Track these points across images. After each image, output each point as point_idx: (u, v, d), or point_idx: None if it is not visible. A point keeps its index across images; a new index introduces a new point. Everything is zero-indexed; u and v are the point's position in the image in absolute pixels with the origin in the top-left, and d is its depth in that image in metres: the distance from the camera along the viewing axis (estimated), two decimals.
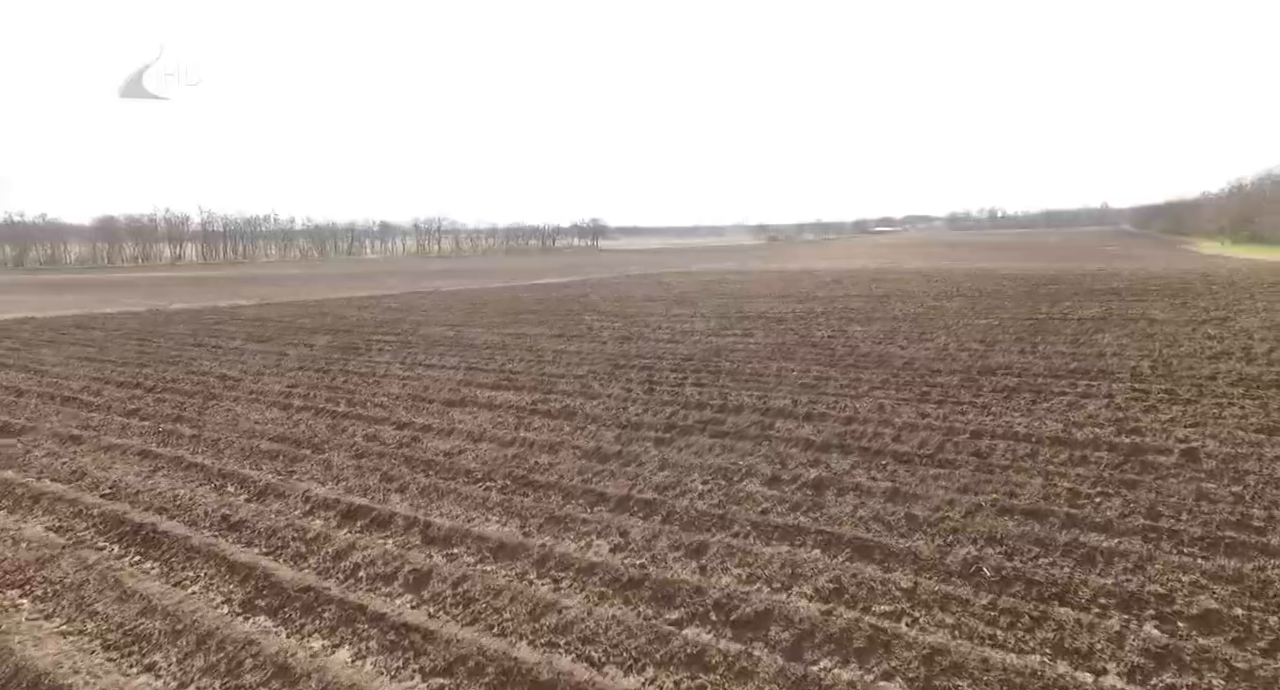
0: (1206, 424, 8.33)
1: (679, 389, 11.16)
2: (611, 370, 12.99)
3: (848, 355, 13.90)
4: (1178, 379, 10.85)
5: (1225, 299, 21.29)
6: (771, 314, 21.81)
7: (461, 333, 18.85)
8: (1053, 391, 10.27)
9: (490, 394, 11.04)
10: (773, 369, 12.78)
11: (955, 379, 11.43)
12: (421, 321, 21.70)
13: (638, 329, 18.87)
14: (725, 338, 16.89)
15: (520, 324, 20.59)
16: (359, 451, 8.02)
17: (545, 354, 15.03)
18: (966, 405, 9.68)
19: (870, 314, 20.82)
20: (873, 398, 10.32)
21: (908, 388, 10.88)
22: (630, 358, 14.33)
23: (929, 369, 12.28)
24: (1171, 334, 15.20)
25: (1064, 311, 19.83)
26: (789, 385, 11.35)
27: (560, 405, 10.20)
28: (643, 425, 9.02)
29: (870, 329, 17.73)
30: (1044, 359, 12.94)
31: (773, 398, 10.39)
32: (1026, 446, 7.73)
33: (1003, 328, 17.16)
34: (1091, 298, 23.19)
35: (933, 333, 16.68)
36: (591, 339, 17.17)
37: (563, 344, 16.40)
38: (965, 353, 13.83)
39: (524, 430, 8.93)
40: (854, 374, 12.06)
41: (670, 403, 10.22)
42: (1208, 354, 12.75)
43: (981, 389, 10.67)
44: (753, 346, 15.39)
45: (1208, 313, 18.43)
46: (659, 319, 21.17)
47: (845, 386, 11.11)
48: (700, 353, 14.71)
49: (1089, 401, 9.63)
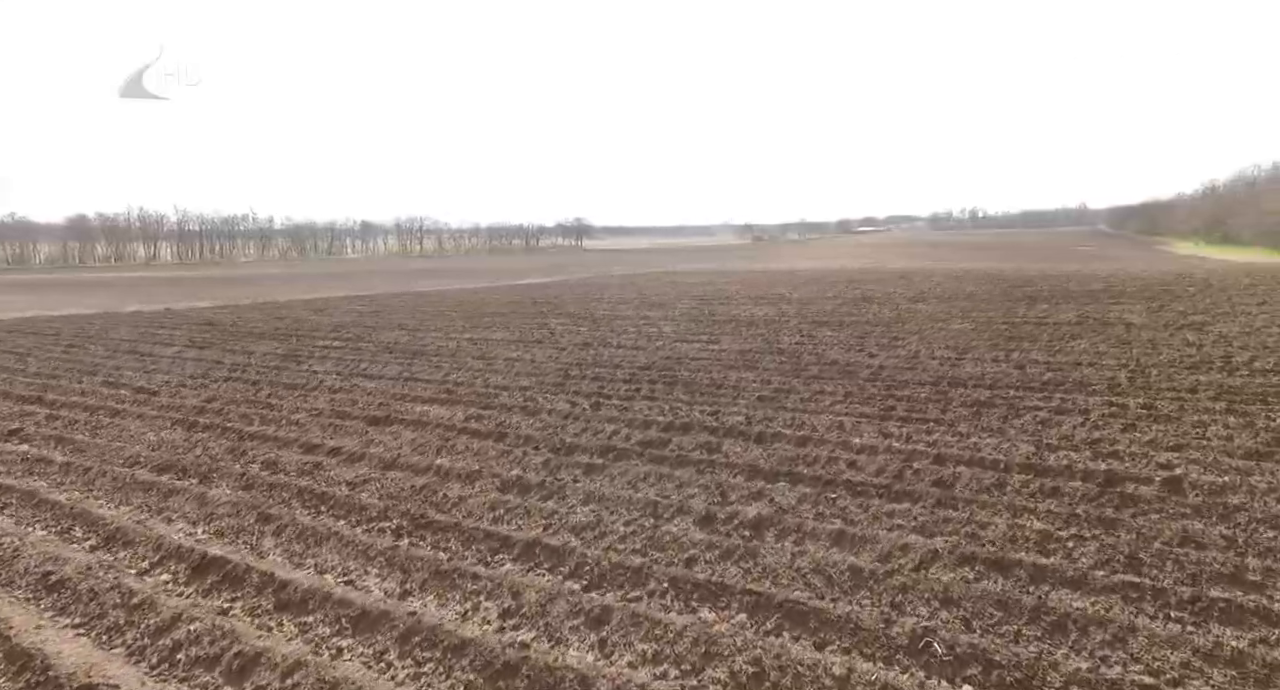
0: (1189, 446, 7.55)
1: (628, 403, 10.26)
2: (562, 381, 12.07)
3: (814, 364, 13.06)
4: (1157, 392, 10.10)
5: (1202, 302, 20.72)
6: (743, 317, 20.99)
7: (417, 338, 17.84)
8: (1025, 406, 9.48)
9: (422, 409, 10.08)
10: (732, 379, 11.91)
11: (924, 391, 10.62)
12: (379, 325, 20.65)
13: (602, 334, 17.96)
14: (690, 344, 16.01)
15: (481, 328, 19.61)
16: (248, 482, 7.04)
17: (497, 362, 14.07)
18: (933, 423, 8.85)
19: (843, 318, 20.04)
20: (833, 413, 9.47)
21: (872, 401, 10.05)
22: (586, 366, 13.42)
23: (897, 380, 11.46)
24: (1149, 340, 14.51)
25: (1040, 315, 19.15)
26: (746, 399, 10.48)
27: (494, 423, 9.26)
28: (578, 448, 8.11)
29: (841, 334, 16.93)
30: (1018, 368, 12.17)
31: (726, 414, 9.52)
32: (994, 474, 6.90)
33: (977, 333, 16.42)
34: (1068, 300, 22.56)
35: (905, 338, 15.90)
36: (550, 345, 16.24)
37: (519, 350, 15.45)
38: (936, 361, 13.05)
39: (445, 455, 7.98)
40: (817, 385, 11.21)
41: (615, 420, 9.31)
42: (1187, 363, 12.04)
43: (950, 403, 9.86)
44: (717, 354, 14.53)
45: (1185, 317, 17.81)
46: (626, 323, 20.27)
47: (806, 400, 10.25)
48: (660, 361, 13.82)
49: (1064, 418, 8.84)
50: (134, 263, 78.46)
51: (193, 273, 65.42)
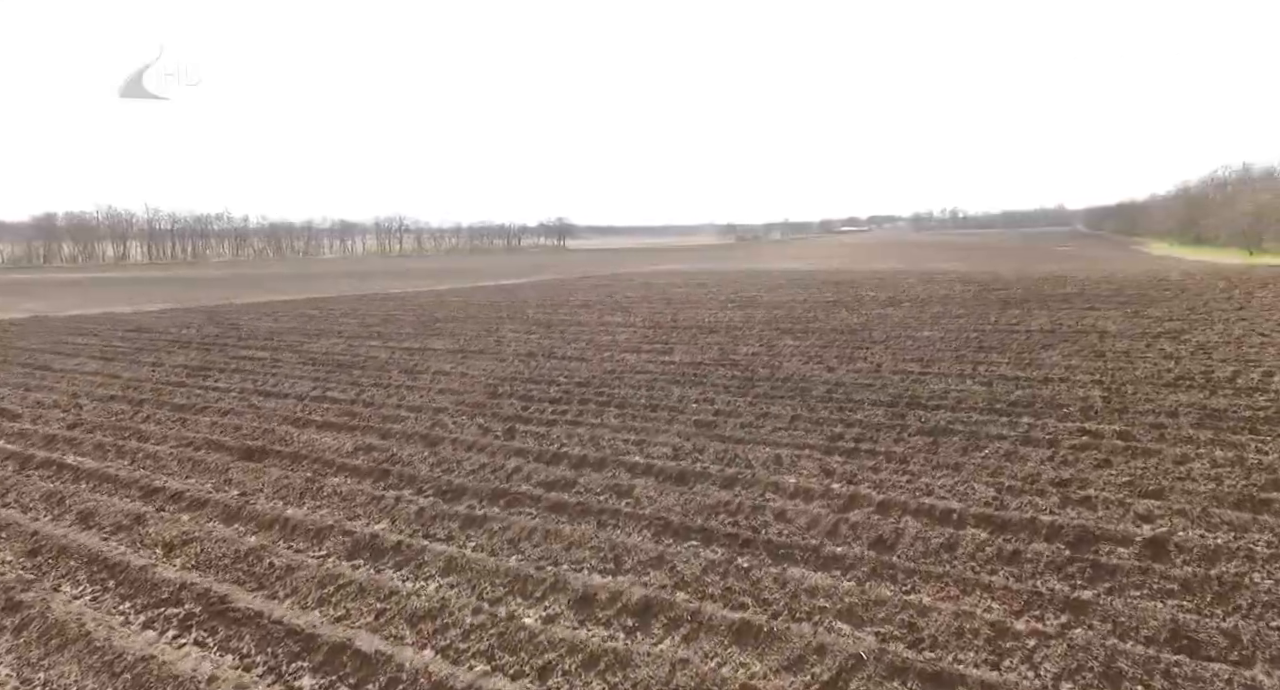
0: (1172, 491, 6.40)
1: (547, 430, 8.99)
2: (485, 400, 10.77)
3: (766, 379, 11.86)
4: (1134, 415, 8.99)
5: (1178, 308, 19.78)
6: (706, 323, 19.79)
7: (352, 347, 16.46)
8: (989, 434, 8.31)
9: (311, 437, 8.75)
10: (673, 398, 10.68)
11: (879, 414, 9.44)
12: (320, 332, 19.22)
13: (551, 342, 16.67)
14: (640, 354, 14.77)
15: (426, 335, 18.24)
16: (37, 544, 5.70)
17: (424, 376, 12.74)
18: (882, 457, 7.66)
19: (809, 324, 18.89)
20: (773, 443, 8.26)
21: (820, 427, 8.85)
22: (520, 381, 12.13)
23: (852, 399, 10.28)
24: (1124, 351, 13.45)
25: (1012, 322, 18.10)
26: (682, 423, 9.24)
27: (384, 456, 7.95)
28: (466, 492, 6.83)
29: (804, 343, 15.76)
30: (984, 384, 11.04)
31: (654, 444, 8.27)
32: (945, 530, 5.71)
33: (945, 342, 15.31)
34: (1042, 305, 21.56)
35: (869, 348, 14.75)
36: (491, 355, 14.92)
37: (454, 362, 14.12)
38: (899, 375, 11.89)
39: (304, 501, 6.67)
40: (764, 406, 10.01)
41: (524, 453, 8.04)
42: (1165, 379, 10.95)
43: (907, 429, 8.68)
44: (665, 366, 13.29)
45: (1162, 324, 16.81)
46: (582, 330, 18.99)
47: (747, 425, 9.03)
48: (601, 375, 12.56)
49: (1030, 451, 7.68)
50: (102, 263, 75.92)
51: (159, 273, 63.25)
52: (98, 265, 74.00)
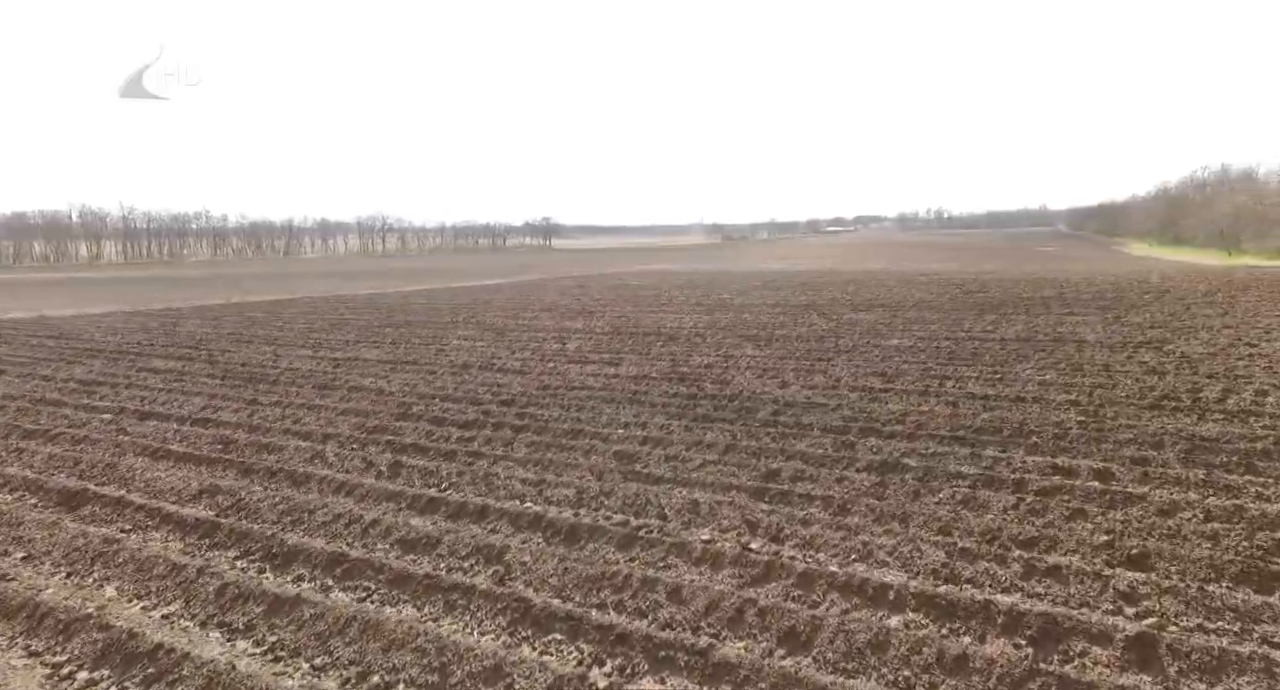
0: (1159, 557, 5.15)
1: (440, 465, 7.65)
2: (389, 423, 9.41)
3: (711, 397, 10.57)
4: (1113, 446, 7.75)
5: (1160, 314, 18.66)
6: (668, 329, 18.49)
7: (278, 355, 15.04)
8: (947, 471, 7.05)
9: (156, 474, 7.35)
10: (602, 420, 9.37)
11: (826, 443, 8.16)
12: (253, 339, 17.77)
13: (495, 351, 15.33)
14: (586, 366, 13.45)
15: (366, 343, 16.84)
16: None
17: (336, 392, 11.35)
18: (819, 504, 6.38)
19: (775, 331, 17.63)
20: (696, 483, 6.96)
21: (755, 461, 7.56)
22: (440, 399, 10.78)
23: (800, 423, 9.00)
24: (1104, 365, 12.26)
25: (987, 328, 16.92)
26: (600, 455, 7.93)
27: (228, 501, 6.59)
28: (299, 556, 5.49)
29: (764, 353, 14.50)
30: (949, 405, 9.80)
31: (557, 483, 6.96)
32: (875, 617, 4.44)
33: (914, 352, 14.08)
34: (1019, 310, 20.41)
35: (832, 359, 13.50)
36: (423, 367, 13.55)
37: (378, 375, 12.73)
38: (857, 393, 10.63)
39: (86, 572, 5.30)
40: (700, 431, 8.71)
41: (398, 496, 6.71)
42: (1148, 399, 9.74)
43: (854, 463, 7.41)
44: (607, 380, 11.97)
45: (1143, 332, 15.66)
46: (537, 336, 17.65)
47: (673, 458, 7.73)
48: (533, 392, 11.24)
49: (992, 496, 6.42)
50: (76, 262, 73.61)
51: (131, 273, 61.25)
52: (71, 265, 71.76)
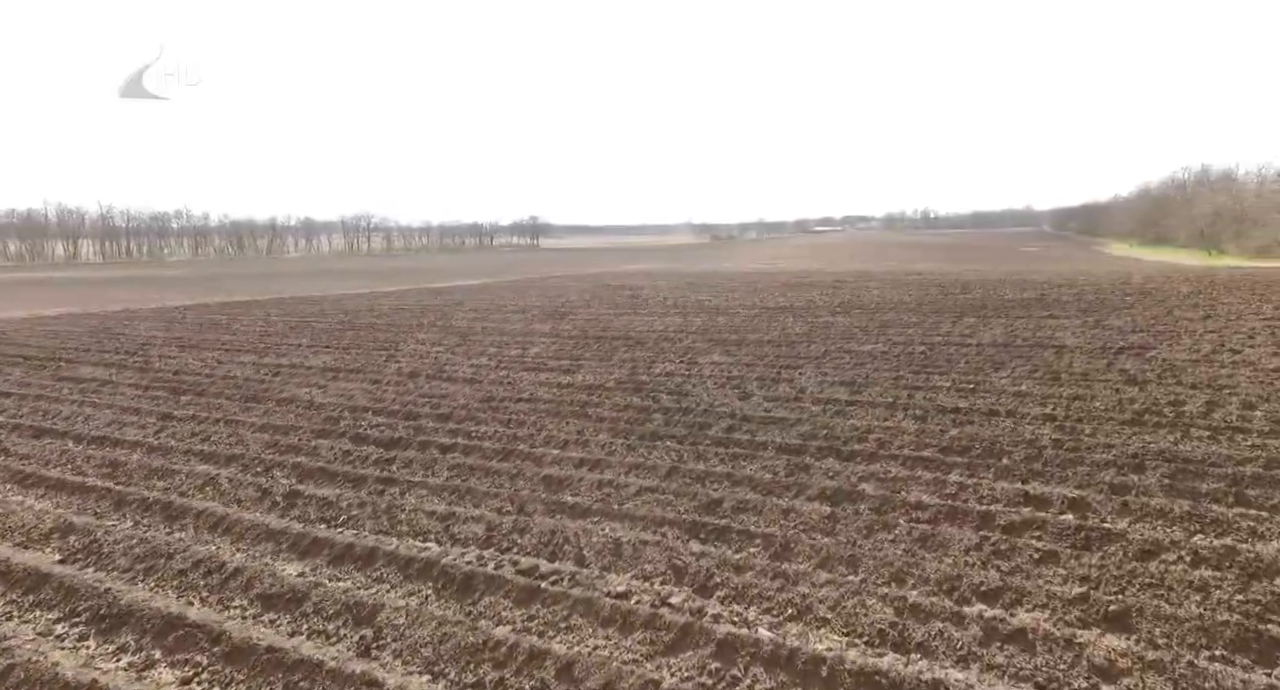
0: (1142, 615, 4.40)
1: (345, 493, 6.82)
2: (307, 441, 8.56)
3: (664, 410, 9.78)
4: (1090, 469, 7.03)
5: (1142, 317, 18.06)
6: (637, 333, 17.70)
7: (220, 363, 14.10)
8: (907, 502, 6.29)
9: (12, 508, 6.47)
10: (541, 437, 8.56)
11: (779, 466, 7.39)
12: (199, 344, 16.80)
13: (451, 358, 14.48)
14: (540, 374, 12.62)
15: (317, 348, 15.93)
16: None
17: (263, 405, 10.46)
18: (759, 543, 5.60)
19: (746, 335, 16.87)
20: (626, 517, 6.17)
21: (696, 487, 6.78)
22: (372, 413, 9.93)
23: (753, 442, 8.22)
24: (1082, 373, 11.57)
25: (964, 332, 16.23)
26: (526, 480, 7.13)
27: (80, 543, 5.74)
28: (132, 618, 4.64)
29: (730, 359, 13.74)
30: (916, 419, 9.06)
31: (467, 517, 6.15)
32: None
33: (886, 358, 13.36)
34: (999, 312, 19.77)
35: (800, 366, 12.75)
36: (367, 376, 12.68)
37: (315, 385, 11.85)
38: (820, 405, 9.88)
39: None
40: (644, 452, 7.92)
41: (279, 535, 5.87)
42: (1128, 412, 9.04)
43: (805, 491, 6.64)
44: (559, 392, 11.16)
45: (1124, 336, 15.02)
46: (500, 339, 16.81)
47: (606, 485, 6.93)
48: (477, 403, 10.42)
49: (954, 532, 5.66)
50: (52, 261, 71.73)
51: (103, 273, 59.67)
52: (47, 264, 69.95)
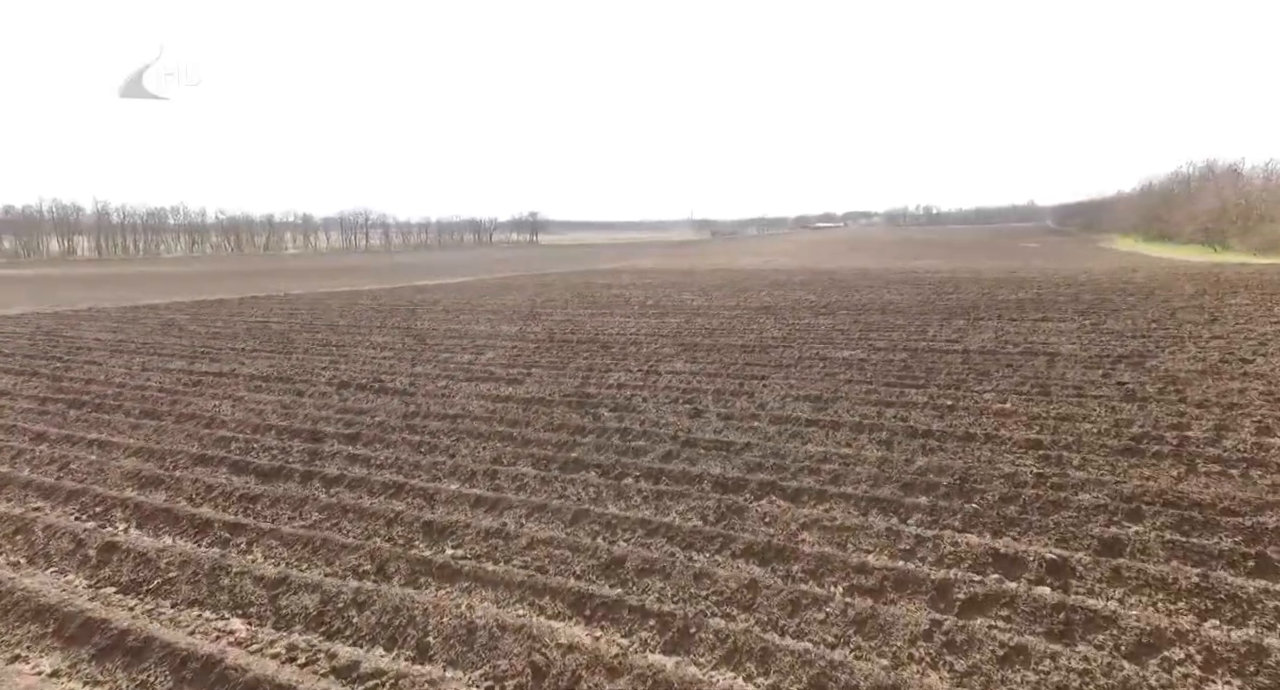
0: None
1: (177, 541, 5.70)
2: (180, 469, 7.42)
3: (604, 430, 8.60)
4: (1076, 516, 5.82)
5: (1142, 320, 16.77)
6: (606, 335, 16.54)
7: (143, 369, 12.98)
8: (848, 564, 5.10)
9: None
10: (447, 466, 7.40)
11: (710, 508, 6.21)
12: (138, 349, 15.70)
13: (396, 363, 13.34)
14: (486, 383, 11.46)
15: (262, 353, 14.80)
16: None
17: (158, 421, 9.32)
18: (653, 625, 4.42)
19: (720, 339, 15.67)
20: (501, 579, 5.00)
21: (601, 539, 5.61)
22: (273, 432, 8.79)
23: (688, 475, 7.04)
24: (1075, 385, 10.33)
25: (951, 337, 14.99)
26: (405, 525, 5.97)
27: None
28: None
29: (694, 367, 12.56)
30: (882, 444, 7.86)
31: (303, 584, 4.99)
32: None
33: (863, 367, 12.15)
34: (991, 314, 18.49)
35: (766, 378, 11.55)
36: (293, 386, 11.53)
37: (229, 397, 10.70)
38: (779, 425, 8.68)
39: None
40: (557, 488, 6.75)
41: (44, 615, 4.72)
42: (1124, 439, 7.81)
43: (732, 544, 5.45)
44: (495, 405, 10.00)
45: (1123, 342, 13.76)
46: (459, 343, 15.67)
47: (496, 532, 5.76)
48: (396, 420, 9.28)
49: (899, 612, 4.47)
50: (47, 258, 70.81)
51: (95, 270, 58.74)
52: (42, 261, 69.10)
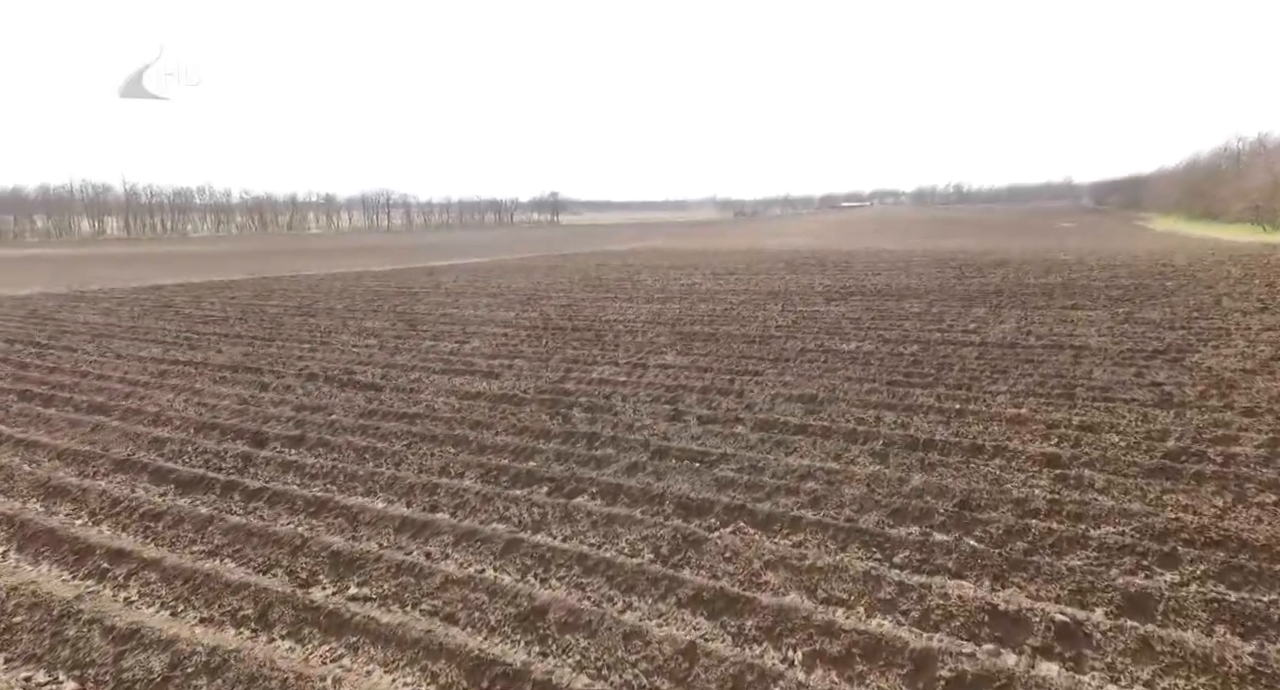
0: None
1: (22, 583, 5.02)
2: (96, 478, 6.81)
3: (570, 435, 7.81)
4: (1094, 559, 4.85)
5: (1183, 307, 15.34)
6: (602, 322, 15.72)
7: (119, 354, 12.52)
8: (811, 622, 4.23)
9: None
10: (385, 477, 6.67)
11: (663, 539, 5.37)
12: (117, 333, 15.29)
13: (376, 353, 12.68)
14: (460, 377, 10.73)
15: (243, 340, 14.27)
16: None
17: (102, 416, 8.76)
18: None
19: (719, 327, 14.71)
20: (389, 635, 4.24)
21: (525, 579, 4.83)
22: (215, 432, 8.16)
23: (646, 493, 6.20)
24: (1103, 386, 9.21)
25: (970, 327, 13.83)
26: (309, 555, 5.24)
27: None
28: None
29: (685, 360, 11.68)
30: (875, 456, 6.93)
31: (156, 640, 4.28)
32: None
33: (868, 361, 11.13)
34: (1015, 301, 17.18)
35: (760, 374, 10.61)
36: (258, 377, 10.93)
37: (186, 390, 10.13)
38: (761, 432, 7.79)
39: None
40: (498, 506, 5.98)
41: None
42: (1157, 455, 6.75)
43: (677, 588, 4.63)
44: (463, 403, 9.27)
45: (1160, 334, 12.47)
46: (449, 330, 14.98)
47: (409, 568, 5.01)
48: (351, 420, 8.58)
49: (874, 674, 3.59)
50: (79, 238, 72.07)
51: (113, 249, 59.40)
52: (74, 241, 70.35)
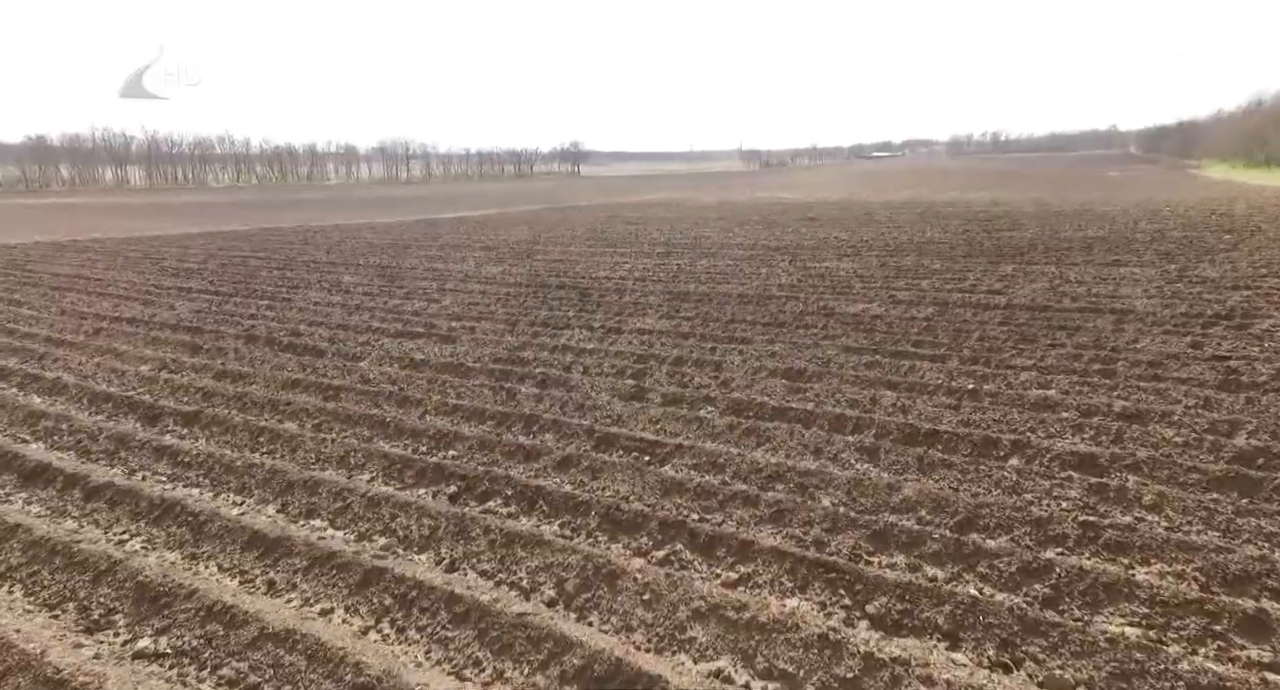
0: None
1: None
2: None
3: (509, 416, 6.63)
4: (1147, 613, 3.52)
5: (1243, 264, 13.40)
6: (591, 279, 14.47)
7: (79, 308, 11.63)
8: None
9: None
10: (261, 473, 5.60)
11: (571, 570, 4.21)
12: (87, 287, 14.42)
13: (333, 312, 11.60)
14: (415, 340, 9.58)
15: (206, 294, 13.29)
16: None
17: (10, 377, 7.82)
18: None
19: (716, 287, 13.27)
20: None
21: (364, 638, 3.69)
22: (113, 403, 7.18)
23: (571, 501, 5.02)
24: (1150, 362, 7.65)
25: (995, 287, 12.17)
26: (114, 585, 4.18)
27: None
28: None
29: (670, 323, 10.39)
30: (864, 453, 5.61)
31: None
32: None
33: (873, 327, 9.66)
34: (1050, 257, 15.32)
35: (749, 339, 9.25)
36: (201, 337, 9.91)
37: (113, 352, 9.16)
38: (732, 417, 6.52)
39: None
40: (384, 515, 4.86)
41: None
42: (1221, 457, 5.31)
43: (556, 659, 3.43)
44: (407, 372, 8.12)
45: (1220, 296, 10.72)
46: (426, 286, 13.82)
47: (214, 614, 3.90)
48: (271, 394, 7.49)
49: None
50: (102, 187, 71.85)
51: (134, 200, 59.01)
52: (97, 190, 70.22)
